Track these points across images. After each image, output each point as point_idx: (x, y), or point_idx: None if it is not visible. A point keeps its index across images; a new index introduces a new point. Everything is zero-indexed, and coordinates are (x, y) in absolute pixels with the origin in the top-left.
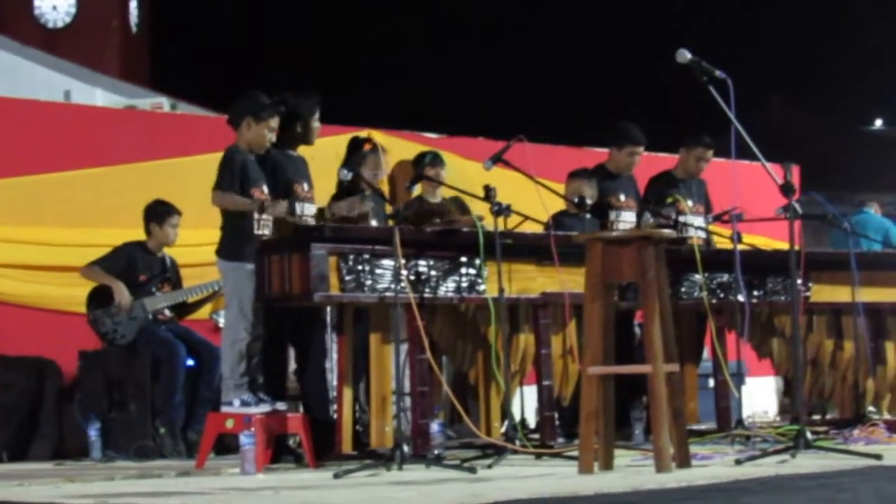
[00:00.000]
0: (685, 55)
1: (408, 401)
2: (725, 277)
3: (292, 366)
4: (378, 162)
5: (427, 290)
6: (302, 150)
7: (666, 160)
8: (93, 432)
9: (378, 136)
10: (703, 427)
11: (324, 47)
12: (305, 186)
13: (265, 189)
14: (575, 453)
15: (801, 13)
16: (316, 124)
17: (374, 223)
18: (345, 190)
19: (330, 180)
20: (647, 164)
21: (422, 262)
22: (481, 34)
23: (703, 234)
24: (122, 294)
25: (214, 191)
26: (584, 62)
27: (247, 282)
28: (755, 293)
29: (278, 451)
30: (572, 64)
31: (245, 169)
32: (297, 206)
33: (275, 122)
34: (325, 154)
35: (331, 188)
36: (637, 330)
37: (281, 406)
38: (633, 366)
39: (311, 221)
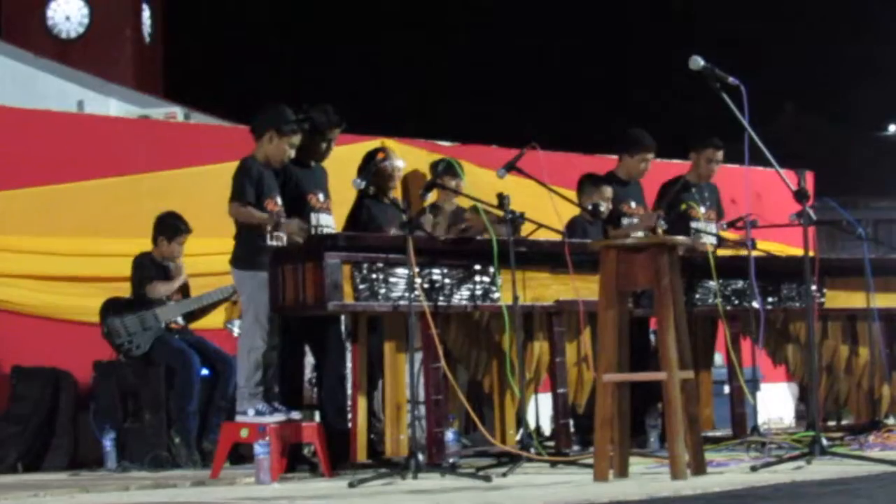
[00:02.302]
0: (698, 62)
1: (422, 409)
2: (740, 284)
3: (308, 375)
4: (392, 170)
5: (441, 298)
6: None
7: (679, 167)
8: (108, 442)
9: (391, 144)
10: (718, 434)
11: (337, 57)
12: (321, 197)
13: (278, 201)
14: (590, 461)
15: (813, 19)
16: (332, 144)
17: (394, 231)
18: (361, 198)
19: (343, 190)
20: (661, 171)
21: (435, 271)
22: (495, 43)
23: (713, 241)
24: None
25: (232, 202)
26: (598, 70)
27: (262, 291)
28: (770, 299)
29: (293, 461)
30: (586, 71)
31: (261, 180)
32: (313, 217)
33: (297, 139)
34: (339, 163)
35: (343, 198)
36: (652, 337)
37: (295, 415)
38: (647, 373)
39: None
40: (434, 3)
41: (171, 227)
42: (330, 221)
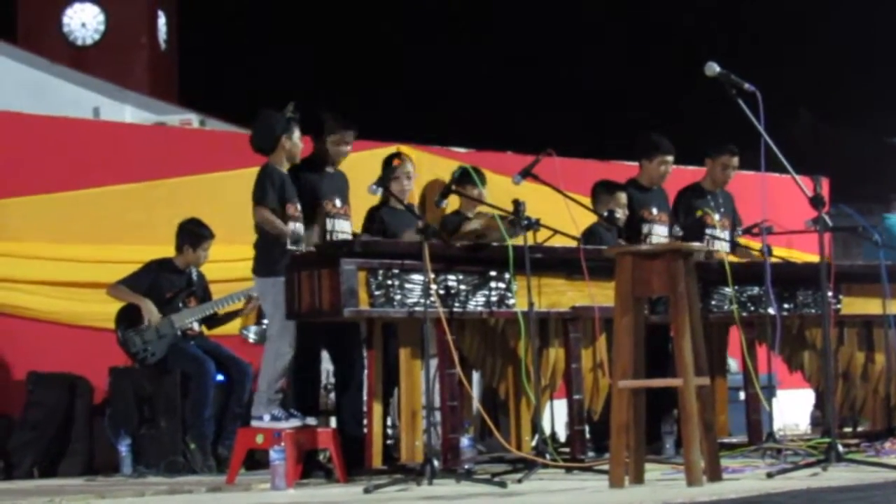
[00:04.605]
0: (714, 68)
1: (438, 415)
2: (756, 290)
3: (323, 381)
4: (407, 176)
5: (456, 304)
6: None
7: (696, 173)
8: (123, 448)
9: (407, 150)
10: (734, 440)
11: (353, 64)
12: (338, 202)
13: (298, 206)
14: (605, 467)
15: (827, 25)
16: (347, 148)
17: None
18: (373, 209)
19: (358, 196)
20: (678, 177)
21: (451, 277)
22: (509, 49)
23: (727, 248)
24: (150, 312)
25: (257, 206)
26: (612, 76)
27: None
28: (786, 306)
29: (309, 466)
30: (601, 78)
31: (283, 185)
32: (329, 222)
33: (298, 131)
34: (354, 170)
35: (358, 204)
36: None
37: (311, 421)
38: (663, 379)
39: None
40: (450, 9)
41: (194, 234)
42: (347, 227)
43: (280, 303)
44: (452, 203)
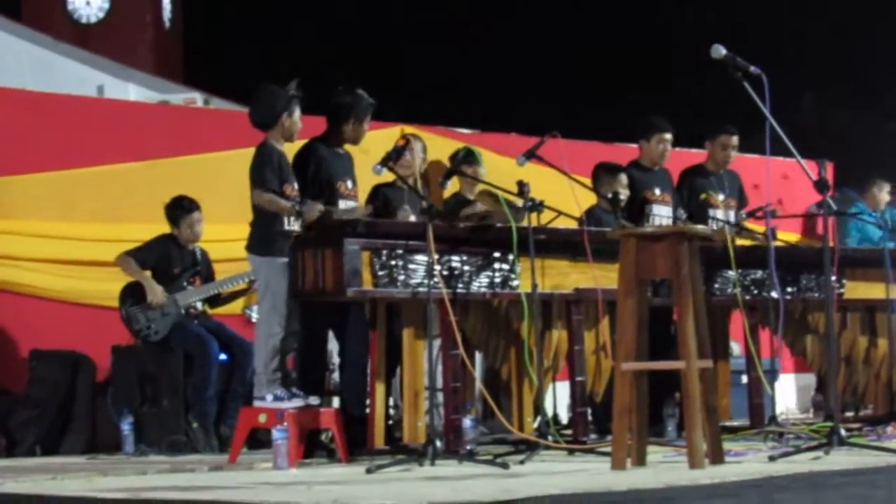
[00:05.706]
0: (720, 51)
1: (440, 396)
2: (759, 274)
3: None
4: (412, 157)
5: (460, 285)
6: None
7: (701, 156)
8: (125, 427)
9: (411, 131)
10: (735, 424)
11: (357, 44)
12: (349, 184)
13: (295, 186)
14: (607, 449)
15: (834, 9)
16: (366, 126)
17: (412, 218)
18: (384, 183)
19: (360, 177)
20: (686, 161)
21: (455, 258)
22: (514, 30)
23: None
24: (155, 293)
25: (256, 189)
26: (617, 58)
27: (280, 276)
28: (789, 290)
29: (311, 446)
30: (606, 59)
31: (281, 166)
32: (341, 204)
33: (299, 107)
34: (357, 150)
35: (360, 185)
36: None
37: (314, 401)
38: (665, 362)
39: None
40: None
41: (173, 215)
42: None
43: (272, 283)
44: (454, 185)
